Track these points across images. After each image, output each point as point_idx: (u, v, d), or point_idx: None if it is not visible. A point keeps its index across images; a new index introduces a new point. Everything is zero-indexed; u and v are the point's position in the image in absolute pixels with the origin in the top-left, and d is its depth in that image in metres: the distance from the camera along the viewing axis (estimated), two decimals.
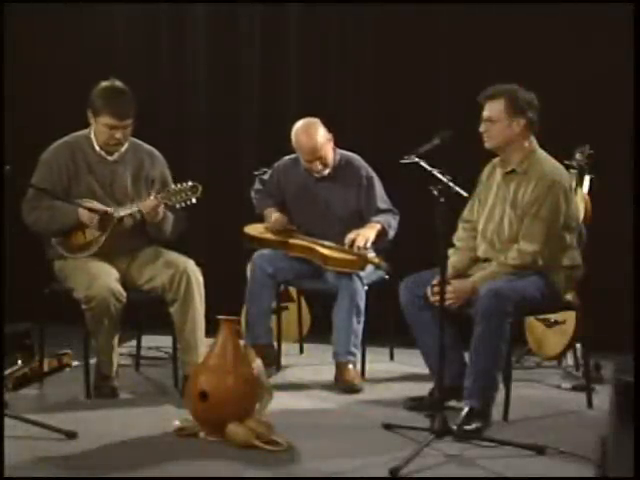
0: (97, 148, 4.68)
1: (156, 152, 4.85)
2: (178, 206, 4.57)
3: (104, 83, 4.64)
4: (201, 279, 4.64)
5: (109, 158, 4.70)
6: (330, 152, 5.13)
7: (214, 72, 6.34)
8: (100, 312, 4.46)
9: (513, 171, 4.37)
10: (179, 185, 4.57)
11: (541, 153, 4.38)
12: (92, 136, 4.68)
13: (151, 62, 6.40)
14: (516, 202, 4.34)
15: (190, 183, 4.55)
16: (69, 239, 4.64)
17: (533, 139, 4.38)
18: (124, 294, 4.52)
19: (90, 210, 4.53)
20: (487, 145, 4.36)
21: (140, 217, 4.63)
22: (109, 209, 4.58)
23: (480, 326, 4.16)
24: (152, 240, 4.77)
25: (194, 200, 4.55)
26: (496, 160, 4.49)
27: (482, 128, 4.35)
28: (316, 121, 5.10)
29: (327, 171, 5.14)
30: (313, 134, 5.05)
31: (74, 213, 4.57)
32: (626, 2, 5.16)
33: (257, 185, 5.41)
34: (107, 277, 4.51)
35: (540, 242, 4.27)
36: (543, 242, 4.27)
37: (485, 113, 4.34)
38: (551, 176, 4.30)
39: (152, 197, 4.58)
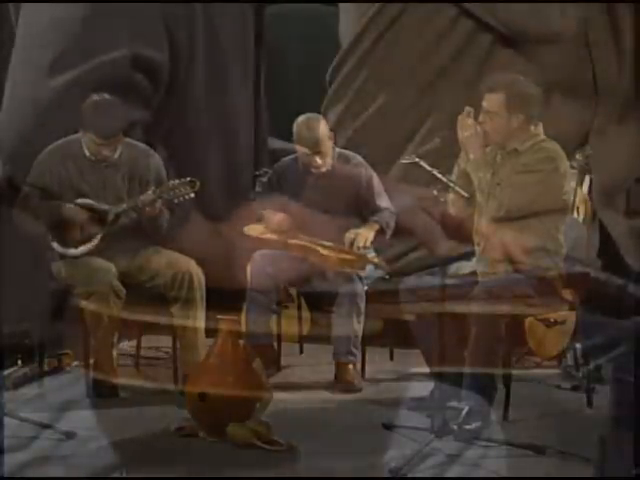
0: (88, 153, 4.65)
1: (151, 151, 4.82)
2: (176, 201, 4.57)
3: (94, 97, 4.58)
4: (203, 279, 4.64)
5: (101, 162, 4.67)
6: (330, 149, 5.12)
7: (214, 72, 6.33)
8: (99, 308, 4.46)
9: (515, 150, 4.28)
10: (177, 180, 4.57)
11: (545, 138, 4.31)
12: (83, 141, 4.65)
13: None
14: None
15: (188, 178, 4.55)
16: (66, 236, 4.62)
17: (539, 128, 4.32)
18: (124, 290, 4.53)
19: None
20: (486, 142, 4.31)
21: (138, 212, 4.60)
22: (105, 207, 4.57)
23: (474, 326, 4.15)
24: (150, 239, 4.76)
25: (192, 195, 4.55)
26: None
27: (480, 119, 4.25)
28: (319, 116, 5.12)
29: (325, 168, 5.13)
30: (315, 127, 5.05)
31: (58, 216, 4.56)
32: (626, 2, 5.17)
33: (256, 188, 5.41)
34: (107, 273, 4.52)
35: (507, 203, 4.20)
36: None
37: (484, 104, 4.24)
38: (550, 154, 4.23)
39: (150, 192, 4.57)
